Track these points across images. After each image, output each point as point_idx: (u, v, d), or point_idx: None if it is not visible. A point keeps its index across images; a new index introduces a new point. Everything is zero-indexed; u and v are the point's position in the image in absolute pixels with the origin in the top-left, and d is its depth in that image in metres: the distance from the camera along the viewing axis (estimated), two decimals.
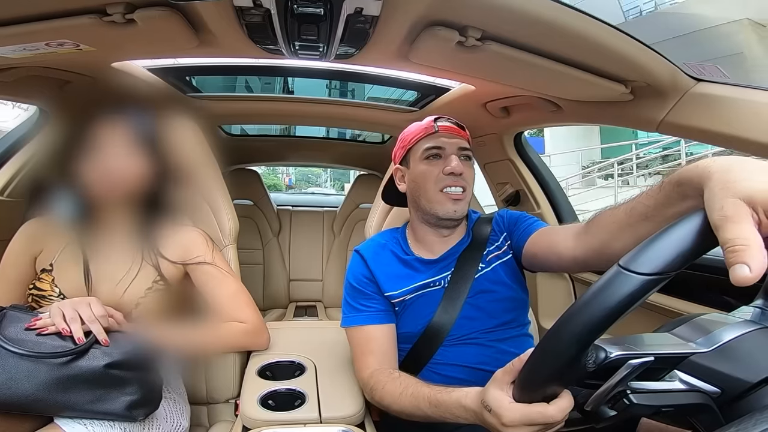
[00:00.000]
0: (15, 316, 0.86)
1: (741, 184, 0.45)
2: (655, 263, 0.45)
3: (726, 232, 0.42)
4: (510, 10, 0.76)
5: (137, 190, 1.01)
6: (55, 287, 0.97)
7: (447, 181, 1.02)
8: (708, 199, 0.47)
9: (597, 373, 0.52)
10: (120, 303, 0.98)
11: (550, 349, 0.53)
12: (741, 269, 0.39)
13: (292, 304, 2.79)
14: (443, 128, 1.06)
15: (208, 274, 1.08)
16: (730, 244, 0.41)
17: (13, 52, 0.89)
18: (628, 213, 0.71)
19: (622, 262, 0.47)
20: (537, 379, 0.58)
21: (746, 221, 0.42)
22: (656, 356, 0.50)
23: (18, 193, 1.32)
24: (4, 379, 0.77)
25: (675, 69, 0.96)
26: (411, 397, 0.85)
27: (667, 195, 0.62)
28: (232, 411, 1.21)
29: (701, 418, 0.51)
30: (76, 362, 0.82)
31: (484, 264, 1.06)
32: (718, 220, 0.43)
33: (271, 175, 16.03)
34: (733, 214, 0.43)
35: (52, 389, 0.80)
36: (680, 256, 0.45)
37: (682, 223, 0.47)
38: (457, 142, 1.05)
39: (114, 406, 0.84)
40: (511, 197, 1.82)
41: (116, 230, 1.04)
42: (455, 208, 1.02)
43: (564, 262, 0.91)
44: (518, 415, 0.61)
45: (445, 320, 1.01)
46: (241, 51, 1.00)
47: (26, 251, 1.02)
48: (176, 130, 1.14)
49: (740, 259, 0.40)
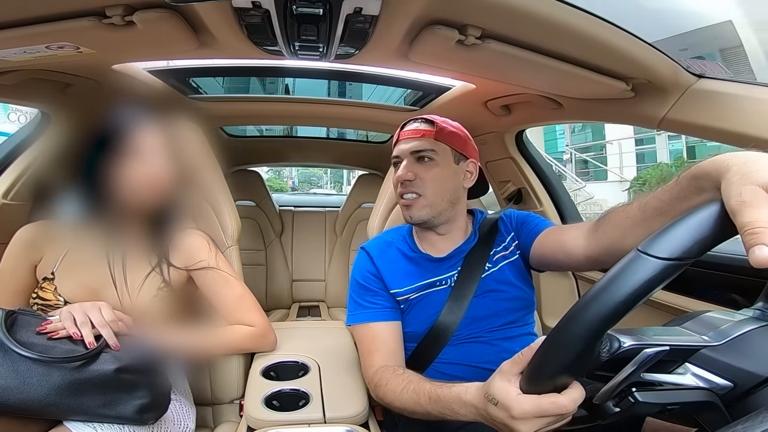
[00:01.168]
0: (25, 320, 0.86)
1: (759, 173, 0.45)
2: (675, 248, 0.45)
3: (744, 216, 0.42)
4: (509, 8, 0.76)
5: (165, 196, 1.01)
6: (59, 296, 0.97)
7: (400, 188, 1.06)
8: (725, 188, 0.47)
9: (609, 363, 0.51)
10: (127, 307, 0.98)
11: (564, 337, 0.51)
12: (760, 250, 0.39)
13: (295, 304, 2.79)
14: (403, 134, 1.09)
15: (212, 278, 1.09)
16: (748, 227, 0.41)
17: (14, 55, 0.89)
18: (642, 208, 0.71)
19: (641, 246, 0.47)
20: (548, 369, 0.55)
21: (764, 206, 0.42)
22: (671, 346, 0.49)
23: (21, 197, 1.32)
24: (16, 383, 0.77)
25: (676, 66, 0.96)
26: (412, 392, 0.83)
27: (682, 189, 0.62)
28: (237, 411, 1.21)
29: (707, 416, 0.51)
30: (87, 367, 0.82)
31: (491, 264, 1.06)
32: (735, 205, 0.44)
33: (277, 180, 16.24)
34: (751, 199, 0.43)
35: (64, 393, 0.80)
36: (698, 242, 0.45)
37: (699, 211, 0.47)
38: (413, 146, 1.05)
39: (125, 410, 0.85)
40: (514, 195, 1.82)
41: (131, 235, 1.03)
42: (409, 213, 1.05)
43: (574, 260, 0.91)
44: (528, 406, 0.57)
45: (450, 320, 1.01)
46: (242, 52, 1.00)
47: (25, 258, 1.00)
48: (184, 132, 1.14)
49: (759, 240, 0.40)
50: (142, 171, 0.95)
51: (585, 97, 1.19)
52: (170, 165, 0.98)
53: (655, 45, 0.90)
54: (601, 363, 0.51)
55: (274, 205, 2.87)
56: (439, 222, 1.07)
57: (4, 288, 1.00)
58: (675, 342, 0.50)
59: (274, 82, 2.10)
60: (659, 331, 0.54)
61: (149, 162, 0.95)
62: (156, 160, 0.96)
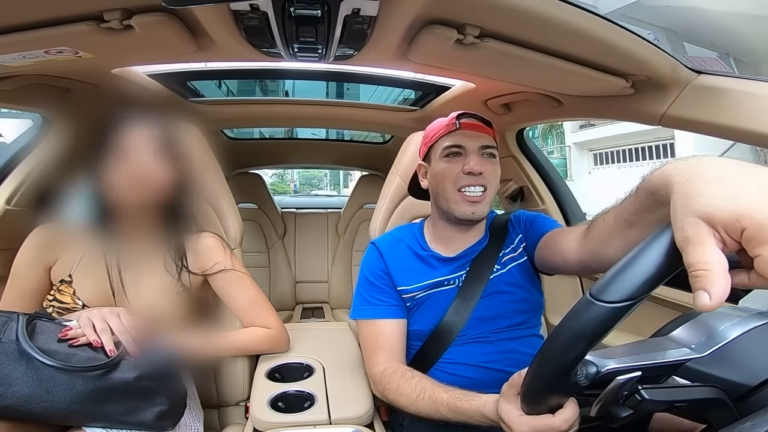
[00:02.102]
0: (44, 326, 0.85)
1: (699, 200, 0.41)
2: (624, 291, 0.46)
3: (688, 255, 0.40)
4: (507, 7, 0.75)
5: (163, 197, 0.99)
6: (77, 300, 0.96)
7: (465, 181, 1.00)
8: (672, 215, 0.44)
9: (594, 383, 0.53)
10: (144, 312, 0.97)
11: (542, 366, 0.57)
12: (701, 297, 0.38)
13: (298, 306, 2.80)
14: (465, 125, 1.03)
15: (228, 280, 1.09)
16: (692, 269, 0.40)
17: (13, 60, 0.89)
18: (616, 219, 0.71)
19: (593, 290, 0.48)
20: (536, 393, 0.61)
21: (707, 243, 0.39)
22: (643, 368, 0.51)
23: (24, 202, 1.32)
24: (41, 392, 0.77)
25: (675, 62, 0.95)
26: (429, 401, 0.86)
27: (642, 202, 0.60)
28: (243, 414, 1.22)
29: (715, 413, 0.51)
30: (109, 375, 0.82)
31: (500, 266, 1.05)
32: (680, 241, 0.42)
33: (280, 184, 16.46)
34: (693, 235, 0.40)
35: (86, 402, 0.80)
36: (648, 281, 0.45)
37: (649, 246, 0.46)
38: (480, 140, 1.02)
39: (145, 416, 0.85)
40: (515, 194, 1.81)
41: (140, 239, 1.02)
42: (473, 209, 1.00)
43: (569, 264, 0.91)
44: (527, 428, 0.65)
45: (456, 320, 1.01)
46: (240, 55, 1.00)
47: (39, 260, 0.99)
48: (186, 135, 1.14)
49: (701, 285, 0.38)
50: (131, 171, 0.92)
51: (585, 94, 1.18)
52: (163, 164, 0.96)
53: (653, 42, 0.90)
54: (582, 387, 0.54)
55: (276, 207, 2.87)
56: (480, 221, 1.07)
57: (16, 290, 0.99)
58: (653, 361, 0.53)
59: (273, 85, 2.11)
60: (642, 347, 0.56)
61: (137, 161, 0.93)
62: (145, 159, 0.93)
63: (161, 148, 0.96)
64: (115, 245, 1.01)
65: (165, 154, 0.97)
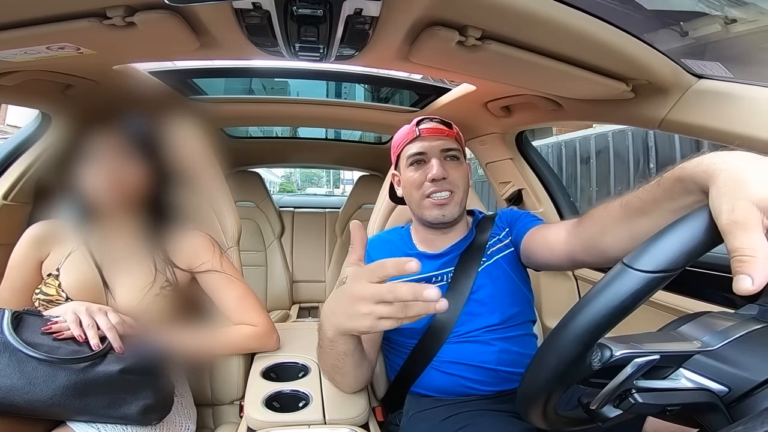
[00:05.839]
0: (31, 320, 0.86)
1: (753, 186, 0.42)
2: (660, 261, 0.45)
3: (735, 239, 0.41)
4: (509, 9, 0.76)
5: (138, 196, 1.00)
6: (62, 292, 0.97)
7: (431, 188, 1.03)
8: (715, 198, 0.45)
9: (602, 371, 0.51)
10: (129, 308, 0.98)
11: (556, 346, 0.53)
12: (744, 281, 0.39)
13: (295, 305, 2.79)
14: (425, 131, 1.06)
15: (216, 279, 1.09)
16: (738, 254, 0.40)
17: (14, 56, 0.89)
18: (624, 207, 0.70)
19: (626, 259, 0.47)
20: (542, 376, 0.57)
21: (757, 230, 0.40)
22: (662, 354, 0.50)
23: (22, 197, 1.32)
24: (23, 384, 0.78)
25: (676, 66, 0.96)
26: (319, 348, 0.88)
27: (666, 190, 0.60)
28: (237, 412, 1.21)
29: (708, 417, 0.51)
30: (93, 368, 0.83)
31: (486, 258, 1.07)
32: (727, 224, 0.42)
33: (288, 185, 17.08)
34: (744, 220, 0.41)
35: (69, 394, 0.80)
36: (685, 254, 0.44)
37: (686, 220, 0.46)
38: (441, 144, 1.05)
39: (129, 410, 0.85)
40: (514, 196, 1.81)
41: (123, 236, 1.04)
42: (443, 212, 1.03)
43: (556, 256, 0.92)
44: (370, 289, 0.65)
45: (448, 316, 1.01)
46: (242, 53, 1.00)
47: (32, 255, 1.01)
48: (178, 133, 1.14)
49: (745, 270, 0.39)
50: (100, 172, 0.95)
51: (585, 97, 1.19)
52: (135, 165, 0.98)
53: (654, 45, 0.90)
54: (593, 371, 0.52)
55: (274, 206, 2.87)
56: (458, 220, 1.08)
57: (10, 284, 1.01)
58: (667, 349, 0.51)
59: (274, 83, 2.11)
60: (652, 337, 0.55)
61: (106, 162, 0.95)
62: (113, 159, 0.95)
63: (131, 148, 0.97)
64: (100, 241, 1.02)
65: (135, 152, 0.98)
